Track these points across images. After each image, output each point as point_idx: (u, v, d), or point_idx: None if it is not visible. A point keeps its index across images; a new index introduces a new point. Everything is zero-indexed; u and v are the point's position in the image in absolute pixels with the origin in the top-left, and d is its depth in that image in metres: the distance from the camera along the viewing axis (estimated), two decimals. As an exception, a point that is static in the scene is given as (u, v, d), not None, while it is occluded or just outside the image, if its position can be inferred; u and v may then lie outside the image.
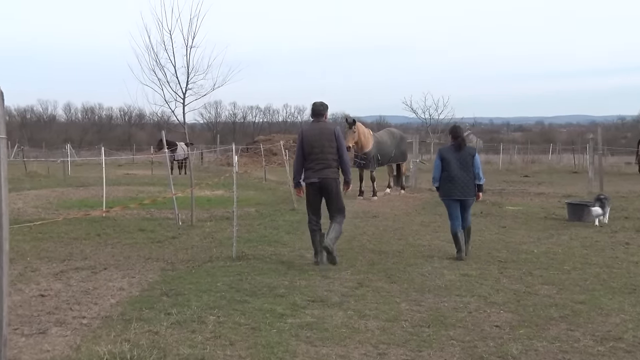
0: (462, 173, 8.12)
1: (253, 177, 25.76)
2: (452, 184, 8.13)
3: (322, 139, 7.48)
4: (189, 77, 9.31)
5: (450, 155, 8.19)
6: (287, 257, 7.89)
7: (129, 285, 6.36)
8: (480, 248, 8.70)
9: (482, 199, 14.76)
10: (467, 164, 8.14)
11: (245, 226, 10.76)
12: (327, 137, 7.48)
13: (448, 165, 8.15)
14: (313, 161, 7.48)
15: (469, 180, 8.14)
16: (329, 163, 7.47)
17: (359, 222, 11.44)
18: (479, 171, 8.24)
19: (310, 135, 7.54)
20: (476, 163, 8.22)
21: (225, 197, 16.83)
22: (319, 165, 7.46)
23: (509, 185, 22.51)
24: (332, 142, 7.49)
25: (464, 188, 8.11)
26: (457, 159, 8.15)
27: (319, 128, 7.58)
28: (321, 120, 7.68)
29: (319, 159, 7.47)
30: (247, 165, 38.76)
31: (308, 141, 7.52)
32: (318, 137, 7.50)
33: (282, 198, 16.56)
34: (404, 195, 16.97)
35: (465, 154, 8.16)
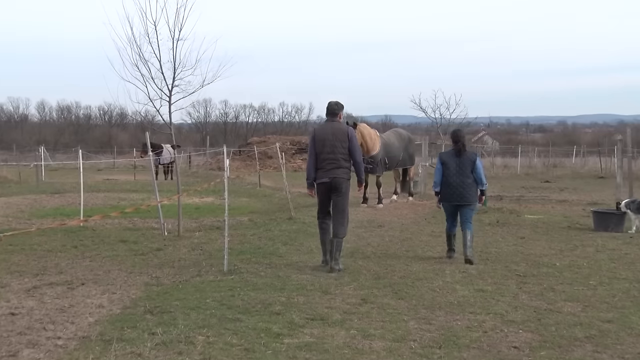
0: (460, 179, 8.79)
1: (246, 182, 25.79)
2: (449, 189, 8.85)
3: (334, 139, 8.09)
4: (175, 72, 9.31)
5: (450, 160, 8.90)
6: (284, 270, 7.89)
7: (109, 302, 6.36)
8: (496, 261, 8.71)
9: (499, 207, 14.91)
10: (465, 170, 8.79)
11: (237, 237, 10.75)
12: (339, 138, 8.09)
13: (447, 170, 8.86)
14: (324, 161, 8.11)
15: (468, 186, 8.79)
16: (340, 163, 8.09)
17: (363, 232, 11.45)
18: (480, 176, 8.86)
19: (322, 134, 8.17)
20: (477, 168, 8.84)
21: (216, 204, 16.84)
22: (330, 165, 8.08)
23: (528, 191, 22.55)
24: (345, 142, 8.10)
25: (461, 193, 8.78)
26: (456, 164, 8.83)
27: (331, 128, 8.19)
28: (335, 120, 8.28)
29: (330, 159, 8.08)
30: (239, 169, 38.91)
31: (320, 141, 8.15)
32: (330, 137, 8.11)
33: (278, 206, 16.57)
34: (412, 202, 16.99)
35: (464, 159, 8.83)
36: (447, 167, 8.91)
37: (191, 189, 16.99)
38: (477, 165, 8.90)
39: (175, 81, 10.68)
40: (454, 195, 8.88)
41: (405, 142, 17.01)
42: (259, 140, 45.58)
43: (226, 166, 8.52)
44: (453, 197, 8.88)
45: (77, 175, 15.26)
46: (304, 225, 12.16)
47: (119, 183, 25.11)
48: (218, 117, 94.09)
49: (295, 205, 15.51)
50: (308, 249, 9.58)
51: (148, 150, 12.32)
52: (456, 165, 8.88)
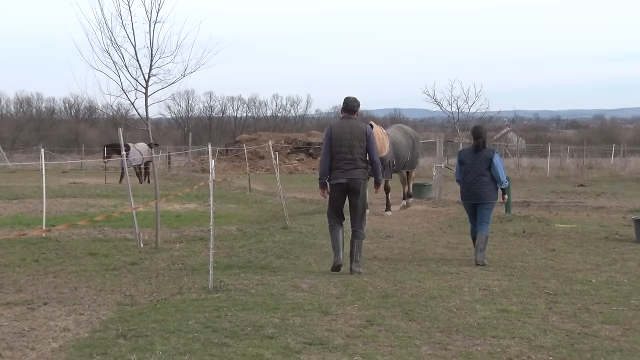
0: (474, 176, 9.69)
1: (234, 186, 25.81)
2: (465, 188, 9.81)
3: (352, 138, 8.67)
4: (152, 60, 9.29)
5: (467, 157, 9.85)
6: (278, 288, 7.90)
7: (75, 325, 6.37)
8: (522, 277, 8.73)
9: (525, 214, 14.94)
10: (481, 167, 9.67)
11: (224, 249, 10.76)
12: (357, 136, 8.69)
13: (464, 168, 9.82)
14: (341, 160, 8.67)
15: (483, 184, 9.66)
16: (358, 163, 8.69)
17: (369, 243, 11.47)
18: (499, 174, 9.68)
19: (340, 132, 8.71)
20: (495, 165, 9.64)
21: (199, 212, 16.85)
22: (347, 165, 8.65)
23: (559, 196, 22.58)
24: (363, 141, 8.70)
25: (476, 192, 9.67)
26: (472, 162, 9.74)
27: (349, 126, 8.76)
28: (352, 118, 8.89)
29: (347, 159, 8.66)
30: (226, 171, 38.92)
31: (337, 139, 8.68)
32: (348, 135, 8.68)
33: (272, 213, 16.57)
34: (425, 209, 17.00)
35: (481, 157, 9.70)
36: (464, 165, 9.84)
37: (171, 193, 17.00)
38: (495, 162, 9.66)
39: (152, 70, 10.71)
40: (469, 194, 9.78)
41: (412, 139, 16.98)
42: (249, 138, 45.61)
43: (211, 168, 8.54)
44: (468, 195, 9.80)
45: (39, 178, 15.28)
46: (300, 235, 12.18)
47: (87, 187, 25.12)
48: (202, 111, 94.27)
49: (291, 212, 15.51)
50: (305, 262, 9.59)
51: (121, 150, 12.34)
52: (472, 162, 9.74)
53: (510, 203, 15.30)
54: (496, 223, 13.80)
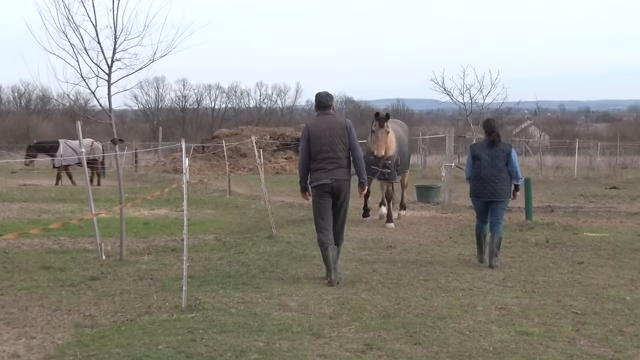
0: (493, 172, 10.48)
1: (212, 189, 25.78)
2: (480, 184, 10.56)
3: (332, 135, 9.25)
4: (117, 42, 9.19)
5: (482, 152, 10.59)
6: (262, 306, 7.91)
7: (26, 350, 6.35)
8: (545, 294, 8.76)
9: (549, 221, 14.98)
10: (499, 162, 10.50)
11: (200, 262, 10.76)
12: (338, 132, 9.27)
13: (478, 163, 10.57)
14: (323, 160, 9.25)
15: (501, 180, 10.48)
16: (342, 162, 9.30)
17: (367, 255, 11.49)
18: (516, 169, 10.56)
19: (319, 130, 9.28)
20: (512, 161, 10.53)
21: (171, 218, 16.82)
22: (331, 164, 9.24)
23: (589, 201, 22.66)
24: (344, 137, 9.29)
25: (494, 189, 10.47)
26: (489, 157, 10.51)
27: (327, 122, 9.35)
28: (328, 113, 9.48)
29: (330, 157, 9.24)
30: (203, 171, 38.84)
31: (316, 138, 9.26)
32: (327, 132, 9.26)
33: (255, 220, 16.56)
34: (433, 215, 17.03)
35: (498, 151, 10.52)
36: (478, 160, 10.58)
37: (138, 197, 16.98)
38: (512, 157, 10.56)
39: (116, 53, 10.68)
40: (484, 191, 10.53)
41: (407, 135, 16.92)
42: (229, 133, 45.55)
43: (185, 167, 8.53)
44: (484, 192, 10.54)
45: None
46: (288, 245, 12.18)
47: (40, 190, 25.05)
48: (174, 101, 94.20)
49: (277, 219, 15.50)
50: (294, 277, 9.60)
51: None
52: (488, 157, 10.52)
53: (531, 208, 15.35)
54: (515, 232, 13.85)
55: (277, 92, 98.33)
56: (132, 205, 15.71)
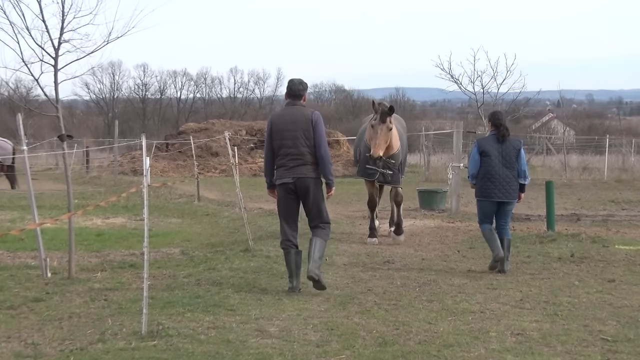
0: (504, 170, 11.16)
1: (177, 193, 25.71)
2: (491, 183, 11.17)
3: (295, 128, 9.75)
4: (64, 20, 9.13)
5: (491, 147, 11.20)
6: (237, 332, 7.90)
7: (-43, 385, 6.31)
8: (570, 317, 8.77)
9: (574, 232, 15.02)
10: (510, 159, 11.19)
11: (164, 279, 10.74)
12: (302, 126, 9.75)
13: (488, 160, 11.16)
14: (285, 157, 9.79)
15: (512, 179, 11.21)
16: (306, 159, 9.78)
17: (361, 271, 11.48)
18: (524, 168, 11.30)
19: (281, 123, 9.85)
20: (522, 158, 11.27)
21: (129, 229, 16.76)
22: (292, 161, 9.75)
23: (621, 208, 22.72)
24: (309, 131, 9.77)
25: (505, 188, 11.17)
26: (499, 153, 11.16)
27: (291, 114, 9.88)
28: (297, 104, 9.96)
29: (292, 153, 9.75)
30: (167, 173, 38.73)
31: (278, 131, 9.83)
32: (290, 125, 9.77)
33: (229, 231, 16.52)
34: (438, 225, 17.06)
35: (509, 147, 11.20)
36: (487, 157, 11.20)
37: (90, 204, 16.93)
38: (522, 155, 11.32)
39: (64, 33, 10.64)
40: (496, 191, 11.21)
41: (405, 132, 16.58)
42: (198, 128, 45.51)
43: (146, 168, 8.50)
44: (495, 192, 11.21)
45: None
46: (267, 260, 12.17)
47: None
48: (132, 90, 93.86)
49: (255, 229, 15.48)
50: (274, 298, 9.59)
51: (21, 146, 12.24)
52: (499, 153, 11.18)
53: (553, 217, 15.39)
54: (535, 244, 13.89)
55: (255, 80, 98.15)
56: (83, 213, 15.63)
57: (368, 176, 14.39)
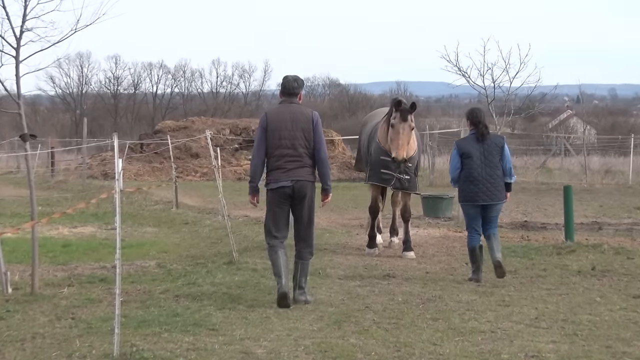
0: (487, 171, 11.58)
1: (153, 199, 25.69)
2: (475, 186, 11.62)
3: (294, 128, 9.97)
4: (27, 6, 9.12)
5: (472, 148, 11.64)
6: (220, 355, 7.90)
7: None
8: (591, 337, 8.78)
9: (596, 243, 15.04)
10: (493, 158, 11.61)
11: (138, 296, 10.73)
12: (302, 126, 10.00)
13: (469, 162, 11.60)
14: (282, 158, 9.99)
15: (496, 179, 11.63)
16: (304, 161, 10.04)
17: (358, 286, 11.47)
18: (509, 166, 11.78)
19: (279, 121, 10.03)
20: (505, 155, 11.69)
21: (99, 239, 16.73)
22: (291, 163, 9.97)
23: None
24: (309, 132, 10.01)
25: (490, 190, 11.60)
26: (480, 153, 11.60)
27: (290, 112, 10.09)
28: (294, 102, 10.22)
29: (290, 155, 9.98)
30: (141, 177, 38.66)
31: (275, 129, 9.99)
32: (289, 124, 9.99)
33: (211, 242, 16.50)
34: (443, 235, 17.06)
35: (490, 145, 11.63)
36: (468, 158, 11.64)
37: (55, 211, 16.90)
38: (506, 151, 11.73)
39: (27, 21, 10.63)
40: (480, 193, 11.63)
41: None
42: (176, 126, 45.53)
43: (118, 172, 8.50)
44: (480, 195, 11.64)
45: None
46: (254, 274, 12.16)
47: None
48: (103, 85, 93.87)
49: (240, 239, 15.46)
50: (261, 316, 9.59)
51: None
52: (480, 153, 11.61)
53: (572, 226, 15.39)
54: (551, 256, 13.89)
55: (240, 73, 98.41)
56: (48, 221, 15.60)
57: (383, 182, 14.24)
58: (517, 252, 14.16)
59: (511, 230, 18.11)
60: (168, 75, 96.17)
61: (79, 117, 69.48)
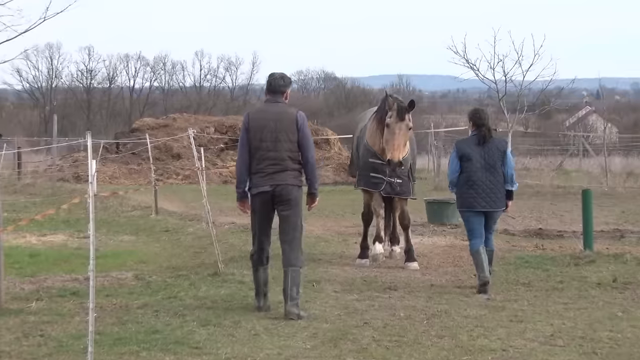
0: (487, 175, 11.87)
1: (130, 205, 25.67)
2: (474, 191, 11.89)
3: (277, 129, 10.23)
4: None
5: (472, 150, 11.91)
6: (203, 376, 7.89)
7: None
8: (612, 355, 8.81)
9: (617, 252, 15.06)
10: (494, 162, 11.90)
11: (114, 311, 10.74)
12: (285, 127, 10.27)
13: (469, 165, 11.88)
14: (263, 161, 10.25)
15: (497, 185, 11.93)
16: (287, 164, 10.28)
17: (356, 300, 11.48)
18: (512, 172, 12.09)
19: (261, 120, 10.35)
20: (508, 161, 12.06)
21: (70, 248, 16.71)
22: (271, 167, 10.24)
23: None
24: (293, 133, 10.29)
25: (490, 196, 11.88)
26: (481, 156, 11.87)
27: (274, 112, 10.40)
28: (279, 101, 10.53)
29: (272, 158, 10.23)
30: (117, 179, 38.58)
31: (257, 130, 10.28)
32: (272, 123, 10.27)
33: (194, 251, 16.50)
34: (450, 244, 17.08)
35: (492, 149, 11.91)
36: (468, 161, 11.90)
37: (22, 217, 16.89)
38: (509, 157, 12.10)
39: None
40: (479, 199, 11.91)
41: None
42: (156, 124, 45.53)
43: (91, 174, 8.50)
44: (478, 201, 11.91)
45: None
46: (241, 287, 12.18)
47: None
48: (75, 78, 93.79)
49: (226, 248, 15.46)
50: (250, 333, 9.61)
51: None
52: (481, 157, 11.89)
53: (591, 233, 15.40)
54: (569, 267, 13.91)
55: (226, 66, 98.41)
56: (14, 229, 15.61)
57: (372, 187, 14.16)
58: (531, 263, 14.20)
59: (525, 238, 18.10)
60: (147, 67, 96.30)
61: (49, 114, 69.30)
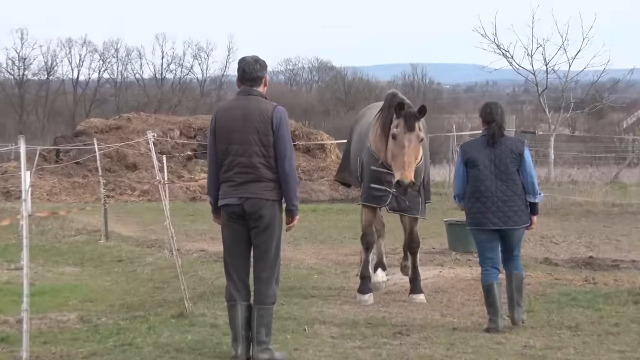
0: (499, 184, 11.75)
1: (74, 227, 25.70)
2: (482, 204, 11.83)
3: (247, 128, 10.15)
4: None
5: (479, 154, 11.86)
6: None
7: None
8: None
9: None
10: (507, 169, 11.76)
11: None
12: (257, 126, 10.15)
13: (476, 172, 11.82)
14: (232, 168, 10.23)
15: (512, 197, 11.76)
16: (260, 173, 10.19)
17: (359, 347, 11.48)
18: (532, 180, 11.86)
19: (228, 120, 10.29)
20: (526, 166, 11.83)
21: (0, 282, 16.73)
22: (241, 175, 10.18)
23: None
24: (266, 135, 10.17)
25: (503, 210, 11.73)
26: (491, 161, 11.77)
27: (243, 107, 10.32)
28: (252, 93, 10.39)
29: (242, 165, 10.17)
30: (57, 195, 38.55)
31: (223, 131, 10.24)
32: (240, 123, 10.20)
33: (154, 285, 16.52)
34: (475, 277, 17.04)
35: (504, 151, 11.78)
36: (475, 167, 11.87)
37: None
38: (526, 160, 11.86)
39: None
40: (489, 215, 11.85)
41: (427, 135, 16.58)
42: (106, 126, 45.56)
43: (25, 189, 8.51)
44: (489, 217, 11.86)
45: None
46: (213, 331, 12.17)
47: None
48: (5, 69, 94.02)
49: (195, 283, 15.49)
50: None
51: None
52: (491, 161, 11.79)
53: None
54: (626, 305, 13.89)
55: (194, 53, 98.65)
56: None
57: (375, 201, 14.12)
58: (579, 301, 14.17)
59: (571, 269, 18.11)
60: (94, 55, 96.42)
61: (-28, 113, 69.50)
